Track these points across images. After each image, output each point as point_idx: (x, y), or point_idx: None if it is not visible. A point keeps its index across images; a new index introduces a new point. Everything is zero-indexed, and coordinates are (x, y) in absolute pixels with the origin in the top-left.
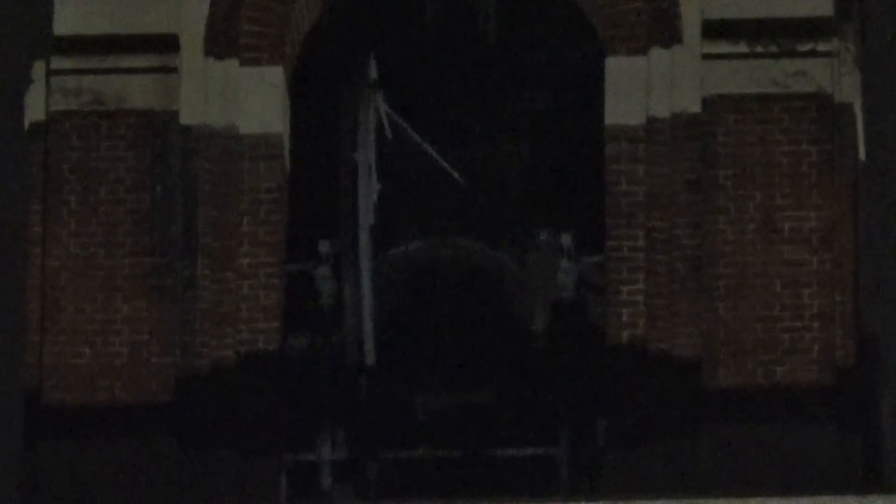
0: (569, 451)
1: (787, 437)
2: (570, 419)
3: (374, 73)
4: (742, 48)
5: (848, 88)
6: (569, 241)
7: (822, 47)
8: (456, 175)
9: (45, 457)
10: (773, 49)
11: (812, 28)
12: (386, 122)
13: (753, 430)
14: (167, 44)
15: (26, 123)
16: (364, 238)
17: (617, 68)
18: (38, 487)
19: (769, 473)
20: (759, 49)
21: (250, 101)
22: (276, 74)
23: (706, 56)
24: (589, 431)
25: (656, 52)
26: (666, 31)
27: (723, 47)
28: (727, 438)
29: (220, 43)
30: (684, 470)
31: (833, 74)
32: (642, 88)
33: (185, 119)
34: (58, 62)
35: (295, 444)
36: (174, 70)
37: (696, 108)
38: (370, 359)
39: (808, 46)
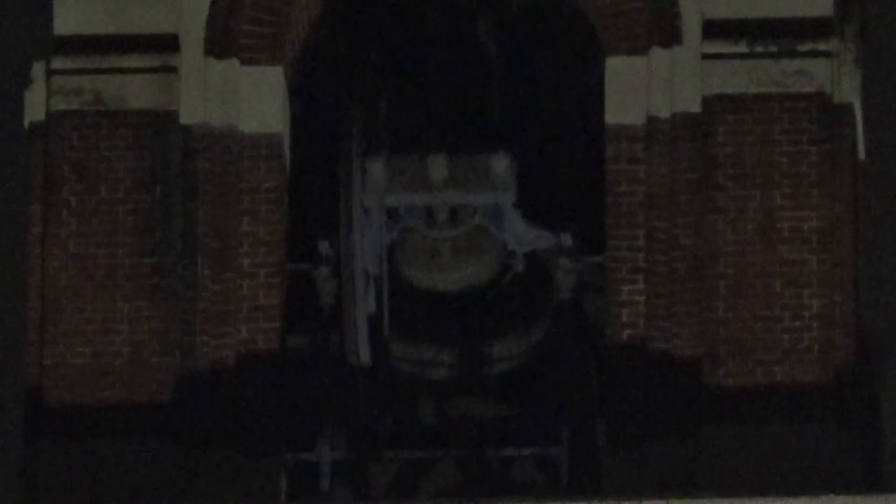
0: (569, 451)
1: (787, 437)
2: (570, 419)
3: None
4: (742, 48)
5: (848, 88)
6: (569, 241)
7: (822, 47)
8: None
9: (45, 457)
10: (773, 49)
11: (812, 28)
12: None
13: (753, 430)
14: (167, 44)
15: (26, 123)
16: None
17: (617, 68)
18: (38, 487)
19: (769, 473)
20: (759, 49)
21: (250, 101)
22: (276, 74)
23: (706, 56)
24: (589, 431)
25: (656, 52)
26: (666, 31)
27: (723, 47)
28: (727, 438)
29: (220, 43)
30: (684, 470)
31: (833, 74)
32: (642, 88)
33: (185, 119)
34: (58, 62)
35: (295, 444)
36: (174, 70)
37: (696, 108)
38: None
39: (808, 46)
